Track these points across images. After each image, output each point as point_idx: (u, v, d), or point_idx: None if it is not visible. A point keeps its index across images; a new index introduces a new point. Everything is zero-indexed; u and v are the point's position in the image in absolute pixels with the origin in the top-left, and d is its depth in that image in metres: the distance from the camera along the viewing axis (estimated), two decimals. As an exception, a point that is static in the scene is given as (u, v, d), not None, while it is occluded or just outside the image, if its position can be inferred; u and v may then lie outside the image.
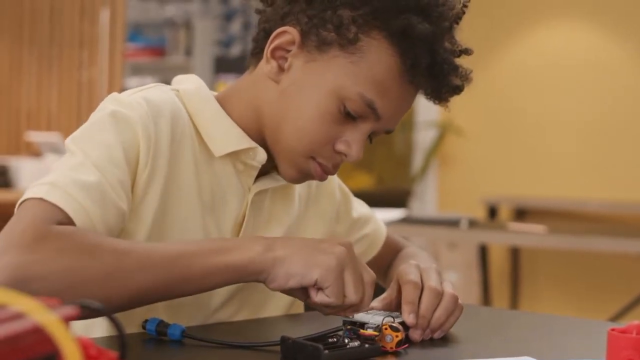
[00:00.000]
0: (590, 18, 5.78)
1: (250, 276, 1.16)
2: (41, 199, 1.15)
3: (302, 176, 1.33)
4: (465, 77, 1.31)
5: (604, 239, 3.99)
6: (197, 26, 7.40)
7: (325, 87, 1.27)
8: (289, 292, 1.20)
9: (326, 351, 1.06)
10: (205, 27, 7.43)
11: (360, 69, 1.26)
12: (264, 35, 1.33)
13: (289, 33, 1.29)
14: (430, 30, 1.24)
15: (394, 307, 1.28)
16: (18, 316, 0.56)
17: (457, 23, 1.31)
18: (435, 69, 1.27)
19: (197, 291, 1.18)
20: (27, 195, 1.17)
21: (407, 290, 1.26)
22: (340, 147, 1.29)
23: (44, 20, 6.61)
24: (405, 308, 1.24)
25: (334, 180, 1.56)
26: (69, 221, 1.15)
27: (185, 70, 7.11)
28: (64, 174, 1.18)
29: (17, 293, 1.01)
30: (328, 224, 1.52)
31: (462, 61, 1.31)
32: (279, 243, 1.17)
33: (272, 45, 1.30)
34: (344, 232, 1.56)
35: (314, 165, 1.31)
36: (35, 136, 5.96)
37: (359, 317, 1.19)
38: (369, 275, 1.19)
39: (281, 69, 1.31)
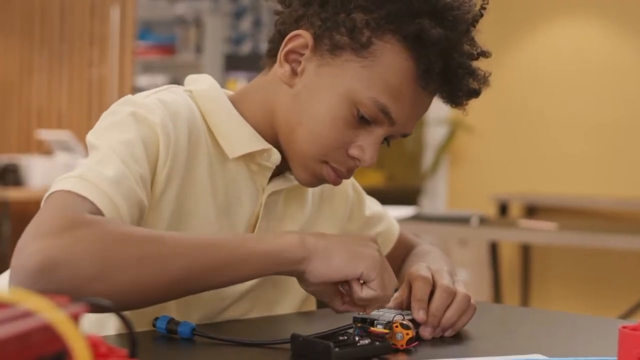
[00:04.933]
0: (602, 17, 5.76)
1: (287, 265, 1.16)
2: (69, 192, 1.13)
3: (316, 180, 1.33)
4: (483, 81, 1.30)
5: (615, 237, 3.98)
6: (207, 24, 7.41)
7: (337, 91, 1.26)
8: (317, 291, 1.21)
9: (337, 349, 1.06)
10: (215, 24, 7.43)
11: (373, 73, 1.25)
12: (279, 37, 1.32)
13: (302, 37, 1.28)
14: (444, 35, 1.23)
15: (405, 306, 1.28)
16: (27, 314, 0.56)
17: (474, 26, 1.30)
18: (450, 74, 1.26)
19: (233, 280, 1.17)
20: (55, 188, 1.15)
21: (417, 286, 1.26)
22: (354, 152, 1.28)
23: (54, 19, 6.62)
24: (414, 305, 1.23)
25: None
26: (98, 213, 1.13)
27: (195, 67, 7.11)
28: (91, 167, 1.16)
29: (48, 280, 1.01)
30: (341, 222, 1.52)
31: (479, 63, 1.30)
32: (313, 235, 1.18)
33: (286, 49, 1.30)
34: (357, 231, 1.56)
35: (327, 170, 1.30)
36: (45, 134, 5.98)
37: (370, 314, 1.19)
38: (392, 278, 1.22)
39: (294, 73, 1.30)
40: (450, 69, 1.25)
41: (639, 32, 5.66)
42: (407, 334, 1.14)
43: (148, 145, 1.22)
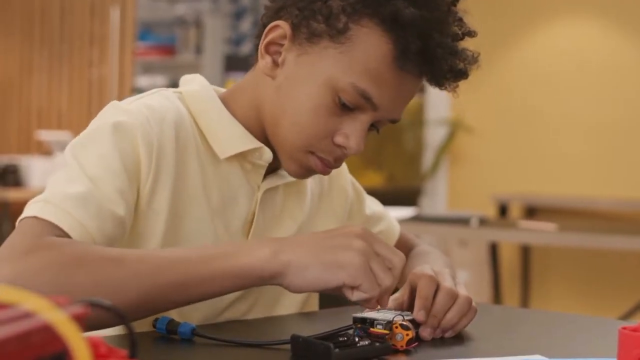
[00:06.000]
0: (602, 16, 5.76)
1: (258, 281, 1.14)
2: (35, 217, 1.15)
3: (305, 171, 1.32)
4: (471, 61, 1.28)
5: (615, 237, 3.98)
6: (207, 24, 7.41)
7: (317, 79, 1.25)
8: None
9: (337, 350, 1.06)
10: (215, 25, 7.43)
11: (351, 58, 1.24)
12: (262, 30, 1.32)
13: (280, 27, 1.28)
14: (419, 15, 1.21)
15: (406, 307, 1.27)
16: (27, 315, 0.56)
17: (455, 5, 1.28)
18: (429, 54, 1.23)
19: (199, 298, 1.15)
20: (24, 214, 1.17)
21: (423, 284, 1.25)
22: (339, 139, 1.27)
23: (54, 19, 6.63)
24: (418, 302, 1.23)
25: (347, 177, 1.56)
26: (65, 235, 1.14)
27: (195, 68, 7.12)
28: (58, 189, 1.17)
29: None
30: (340, 220, 1.52)
31: (473, 45, 1.28)
32: (288, 245, 1.13)
33: (266, 41, 1.30)
34: None
35: (315, 160, 1.30)
36: (45, 135, 5.98)
37: (370, 314, 1.18)
38: (397, 257, 1.14)
39: (276, 64, 1.30)
40: (428, 49, 1.23)
41: (639, 32, 5.66)
42: (407, 334, 1.14)
43: (125, 156, 1.21)
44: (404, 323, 1.15)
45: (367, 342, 1.11)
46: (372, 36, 1.23)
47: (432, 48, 1.23)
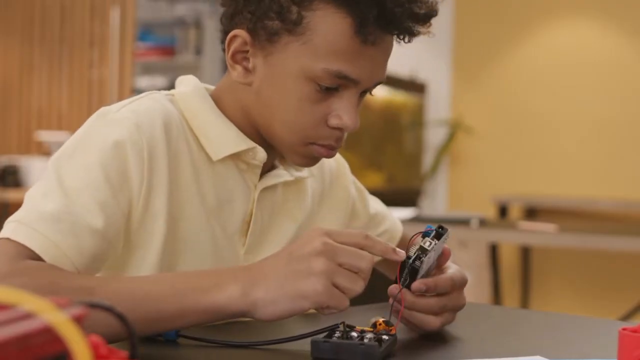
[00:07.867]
0: (602, 17, 5.76)
1: (228, 317, 1.13)
2: (8, 239, 1.14)
3: (311, 160, 1.33)
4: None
5: (615, 238, 3.98)
6: (207, 25, 7.41)
7: (291, 74, 1.25)
8: None
9: (381, 348, 1.06)
10: (215, 26, 7.43)
11: (314, 46, 1.23)
12: (224, 37, 1.32)
13: (238, 36, 1.28)
14: None
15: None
16: (28, 316, 0.56)
17: None
18: (387, 17, 1.22)
19: (170, 330, 1.15)
20: (0, 234, 1.16)
21: (445, 279, 1.25)
22: (333, 122, 1.28)
23: (54, 20, 6.62)
24: (434, 286, 1.22)
25: (349, 177, 1.56)
26: (37, 257, 1.14)
27: (195, 69, 7.12)
28: (33, 206, 1.17)
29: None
30: (342, 219, 1.53)
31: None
32: (256, 278, 1.11)
33: (230, 52, 1.30)
34: (362, 228, 1.57)
35: (317, 149, 1.30)
36: (45, 135, 5.98)
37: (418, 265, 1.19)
38: (363, 261, 1.11)
39: (247, 71, 1.30)
40: (386, 12, 1.22)
41: (639, 32, 5.66)
42: (391, 330, 1.15)
43: (111, 169, 1.20)
44: (387, 320, 1.16)
45: (372, 335, 1.10)
46: (328, 17, 1.23)
47: (389, 9, 1.22)
